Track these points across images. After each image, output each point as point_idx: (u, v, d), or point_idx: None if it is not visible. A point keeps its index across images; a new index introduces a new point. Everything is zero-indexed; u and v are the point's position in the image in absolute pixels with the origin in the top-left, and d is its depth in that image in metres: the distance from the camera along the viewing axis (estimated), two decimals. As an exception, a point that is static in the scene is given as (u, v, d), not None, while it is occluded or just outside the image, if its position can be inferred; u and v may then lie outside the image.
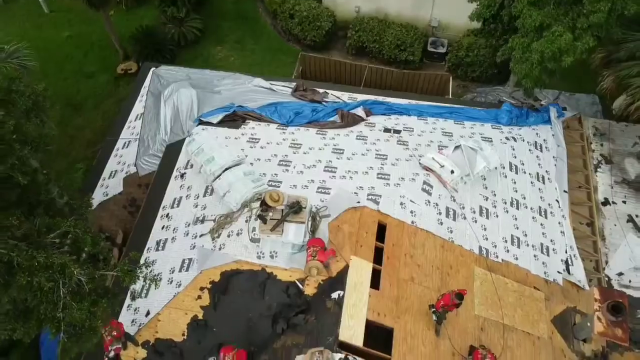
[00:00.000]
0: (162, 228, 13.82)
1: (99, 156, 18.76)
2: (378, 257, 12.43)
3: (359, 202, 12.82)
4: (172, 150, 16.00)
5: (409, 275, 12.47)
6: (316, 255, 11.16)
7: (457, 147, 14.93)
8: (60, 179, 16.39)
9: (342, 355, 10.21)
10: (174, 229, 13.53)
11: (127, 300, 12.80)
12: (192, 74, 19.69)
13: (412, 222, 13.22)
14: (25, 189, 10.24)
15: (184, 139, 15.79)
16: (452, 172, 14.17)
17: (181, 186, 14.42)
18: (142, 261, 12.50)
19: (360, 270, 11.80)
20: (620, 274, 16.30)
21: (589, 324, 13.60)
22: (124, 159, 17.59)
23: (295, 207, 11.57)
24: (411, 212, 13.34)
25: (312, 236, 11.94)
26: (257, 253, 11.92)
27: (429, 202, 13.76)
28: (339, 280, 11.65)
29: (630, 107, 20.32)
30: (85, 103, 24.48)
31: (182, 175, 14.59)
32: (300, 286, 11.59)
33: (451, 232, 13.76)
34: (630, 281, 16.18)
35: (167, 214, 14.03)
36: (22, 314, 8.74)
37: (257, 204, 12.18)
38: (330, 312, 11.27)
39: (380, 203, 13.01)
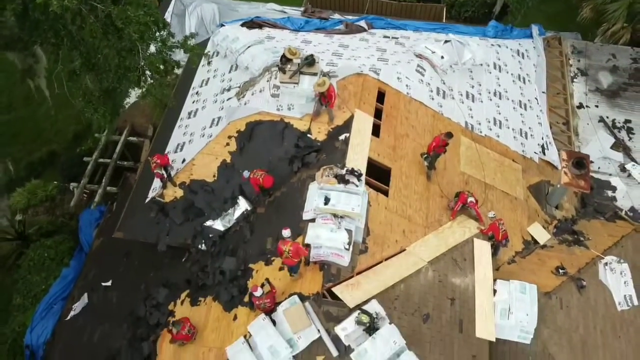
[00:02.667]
0: (193, 102, 16.05)
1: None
2: (378, 116, 14.65)
3: (362, 71, 15.05)
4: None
5: (404, 132, 14.70)
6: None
7: (447, 41, 17.16)
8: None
9: (346, 170, 12.35)
10: (204, 100, 15.77)
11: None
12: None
13: (407, 93, 15.45)
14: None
15: (209, 38, 17.98)
16: (442, 57, 16.40)
17: (208, 70, 16.65)
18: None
19: (363, 121, 14.02)
20: (591, 162, 18.51)
21: (559, 186, 15.85)
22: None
23: (309, 60, 13.78)
24: (406, 85, 15.57)
25: None
26: (277, 106, 14.14)
27: (422, 80, 15.99)
28: (345, 127, 13.89)
29: (606, 33, 22.68)
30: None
31: (209, 63, 16.79)
32: (310, 134, 13.83)
33: (441, 107, 15.98)
34: (599, 168, 18.47)
35: (197, 92, 16.26)
36: (104, 94, 11.08)
37: (276, 69, 14.38)
38: (338, 150, 13.48)
39: (380, 74, 15.23)
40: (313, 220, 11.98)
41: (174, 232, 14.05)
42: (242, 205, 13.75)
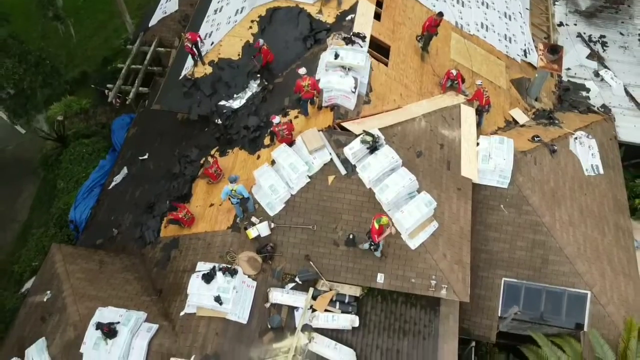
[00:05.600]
0: (218, 2, 18.41)
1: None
2: (379, 6, 16.96)
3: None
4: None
5: (401, 21, 17.04)
6: None
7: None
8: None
9: (352, 33, 14.68)
10: (227, 2, 18.16)
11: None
12: None
13: (404, -8, 17.79)
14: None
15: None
16: (436, -35, 18.68)
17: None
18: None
19: (366, 6, 16.34)
20: (568, 69, 20.86)
21: (537, 76, 18.17)
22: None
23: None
24: (403, -15, 17.91)
25: None
26: (293, -6, 16.54)
27: (416, -17, 18.32)
28: (351, 11, 16.23)
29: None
30: None
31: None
32: (321, 16, 16.16)
33: (434, 6, 18.28)
34: (575, 74, 20.82)
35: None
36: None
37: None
38: (345, 28, 15.82)
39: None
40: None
41: (204, 103, 16.40)
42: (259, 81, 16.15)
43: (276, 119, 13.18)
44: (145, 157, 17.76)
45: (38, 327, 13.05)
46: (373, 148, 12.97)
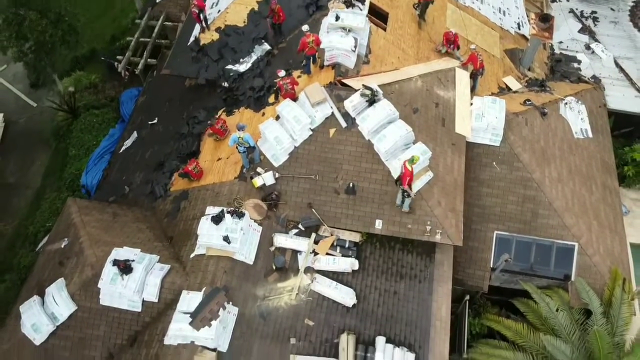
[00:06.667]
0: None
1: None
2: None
3: None
4: None
5: (399, -8, 17.87)
6: None
7: None
8: None
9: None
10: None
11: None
12: None
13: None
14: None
15: None
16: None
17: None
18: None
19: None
20: (561, 42, 21.69)
21: (529, 45, 18.98)
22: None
23: None
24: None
25: None
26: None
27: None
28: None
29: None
30: None
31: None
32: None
33: (430, -23, 19.06)
34: (567, 47, 21.62)
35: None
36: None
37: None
38: (346, -6, 16.64)
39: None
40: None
41: (211, 68, 17.22)
42: (265, 46, 16.96)
43: (282, 72, 13.99)
44: (155, 121, 18.61)
45: (56, 270, 13.89)
46: (372, 101, 13.78)
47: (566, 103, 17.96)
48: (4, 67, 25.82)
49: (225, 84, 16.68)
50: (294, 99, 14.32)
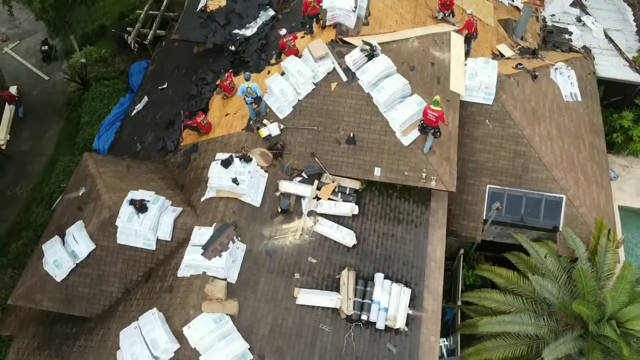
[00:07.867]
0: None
1: None
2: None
3: None
4: None
5: (398, -40, 18.74)
6: None
7: None
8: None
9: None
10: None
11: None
12: None
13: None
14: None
15: None
16: None
17: None
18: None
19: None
20: (553, 15, 22.58)
21: (522, 13, 19.87)
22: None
23: None
24: None
25: None
26: None
27: None
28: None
29: None
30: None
31: None
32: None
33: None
34: (559, 19, 22.51)
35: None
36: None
37: None
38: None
39: None
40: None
41: (219, 33, 18.14)
42: (270, 11, 17.88)
43: (283, 31, 14.90)
44: (165, 86, 19.52)
45: (75, 214, 14.80)
46: (371, 56, 14.70)
47: (556, 68, 18.85)
48: (17, 43, 26.77)
49: (232, 48, 17.59)
50: (298, 55, 15.23)
